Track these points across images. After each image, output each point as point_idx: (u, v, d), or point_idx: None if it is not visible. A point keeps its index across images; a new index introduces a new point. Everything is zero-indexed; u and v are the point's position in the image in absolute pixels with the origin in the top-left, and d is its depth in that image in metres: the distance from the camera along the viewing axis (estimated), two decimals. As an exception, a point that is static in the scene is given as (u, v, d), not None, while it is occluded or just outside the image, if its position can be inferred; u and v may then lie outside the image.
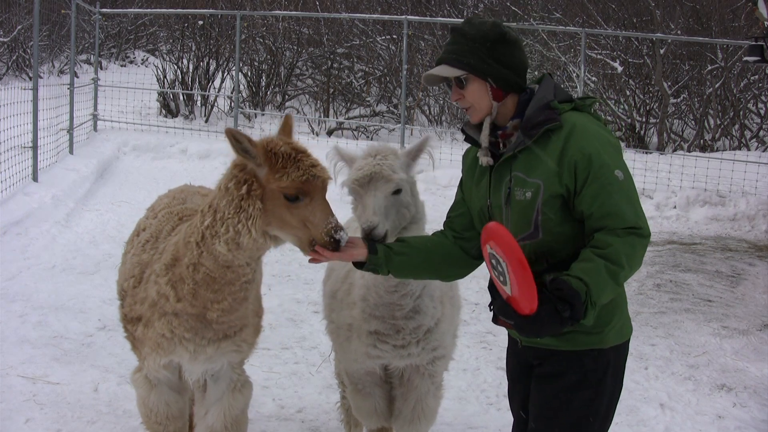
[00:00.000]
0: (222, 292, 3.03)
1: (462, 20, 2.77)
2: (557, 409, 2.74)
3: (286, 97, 17.07)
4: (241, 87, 15.62)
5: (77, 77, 14.04)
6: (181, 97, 16.25)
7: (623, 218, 2.53)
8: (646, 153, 13.78)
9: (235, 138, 2.77)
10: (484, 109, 2.75)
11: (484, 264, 2.93)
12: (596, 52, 15.95)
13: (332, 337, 3.64)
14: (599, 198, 2.54)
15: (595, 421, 2.74)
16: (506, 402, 4.97)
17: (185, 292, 3.03)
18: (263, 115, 15.94)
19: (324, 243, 2.76)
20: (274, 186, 2.79)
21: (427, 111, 17.20)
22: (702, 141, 15.42)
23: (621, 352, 2.78)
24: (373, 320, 3.28)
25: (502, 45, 2.71)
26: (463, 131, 2.89)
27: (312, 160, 2.86)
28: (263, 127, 14.72)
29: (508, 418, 4.78)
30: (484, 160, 2.78)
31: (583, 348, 2.69)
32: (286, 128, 3.04)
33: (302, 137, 12.71)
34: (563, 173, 2.59)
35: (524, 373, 2.91)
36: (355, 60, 17.83)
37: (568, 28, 15.46)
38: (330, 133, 15.72)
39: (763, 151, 14.62)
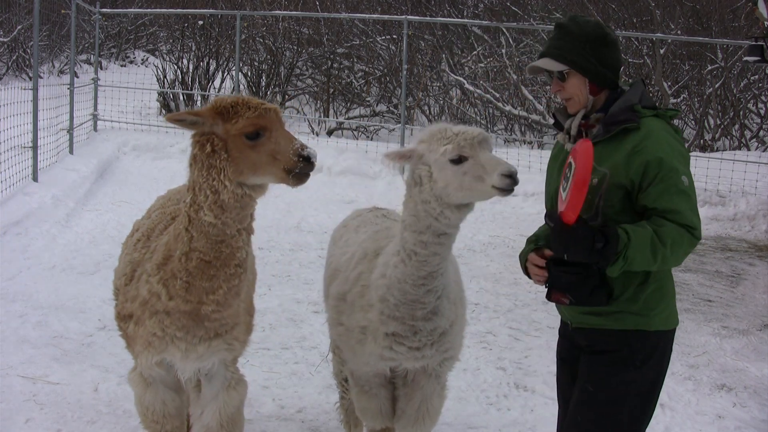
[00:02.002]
0: (217, 279, 3.02)
1: (567, 17, 3.06)
2: (598, 381, 2.93)
3: (286, 96, 17.07)
4: (241, 87, 15.62)
5: (77, 77, 14.04)
6: (181, 97, 16.25)
7: (683, 216, 2.76)
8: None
9: (177, 120, 2.91)
10: (582, 102, 3.00)
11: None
12: (596, 52, 15.92)
13: (341, 340, 3.56)
14: (664, 196, 2.77)
15: (632, 404, 2.90)
16: (506, 402, 5.02)
17: (178, 288, 3.03)
18: (263, 115, 15.92)
19: (294, 165, 2.90)
20: (234, 131, 2.92)
21: (427, 111, 17.19)
22: (702, 141, 15.41)
23: (667, 339, 2.97)
24: (391, 322, 3.25)
25: (602, 45, 2.96)
26: (553, 116, 3.17)
27: (259, 100, 3.00)
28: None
29: (508, 418, 4.81)
30: (569, 146, 2.99)
31: (629, 328, 2.89)
32: None
33: (302, 137, 12.70)
34: (632, 168, 2.79)
35: (573, 356, 3.10)
36: (355, 60, 17.83)
37: (568, 28, 15.43)
38: (330, 133, 15.72)
39: (763, 151, 14.60)
